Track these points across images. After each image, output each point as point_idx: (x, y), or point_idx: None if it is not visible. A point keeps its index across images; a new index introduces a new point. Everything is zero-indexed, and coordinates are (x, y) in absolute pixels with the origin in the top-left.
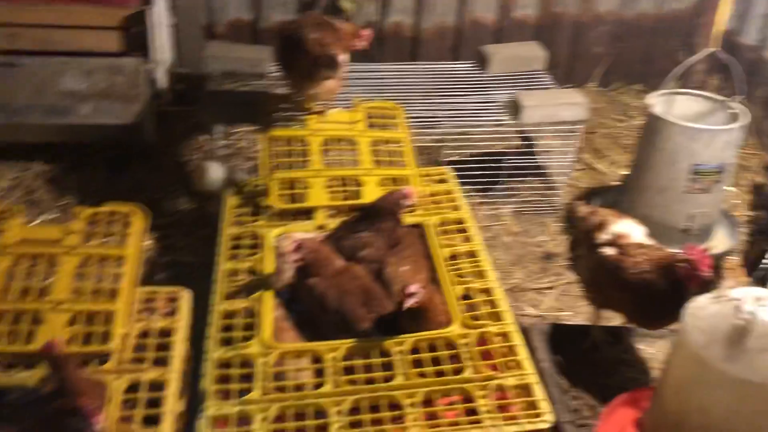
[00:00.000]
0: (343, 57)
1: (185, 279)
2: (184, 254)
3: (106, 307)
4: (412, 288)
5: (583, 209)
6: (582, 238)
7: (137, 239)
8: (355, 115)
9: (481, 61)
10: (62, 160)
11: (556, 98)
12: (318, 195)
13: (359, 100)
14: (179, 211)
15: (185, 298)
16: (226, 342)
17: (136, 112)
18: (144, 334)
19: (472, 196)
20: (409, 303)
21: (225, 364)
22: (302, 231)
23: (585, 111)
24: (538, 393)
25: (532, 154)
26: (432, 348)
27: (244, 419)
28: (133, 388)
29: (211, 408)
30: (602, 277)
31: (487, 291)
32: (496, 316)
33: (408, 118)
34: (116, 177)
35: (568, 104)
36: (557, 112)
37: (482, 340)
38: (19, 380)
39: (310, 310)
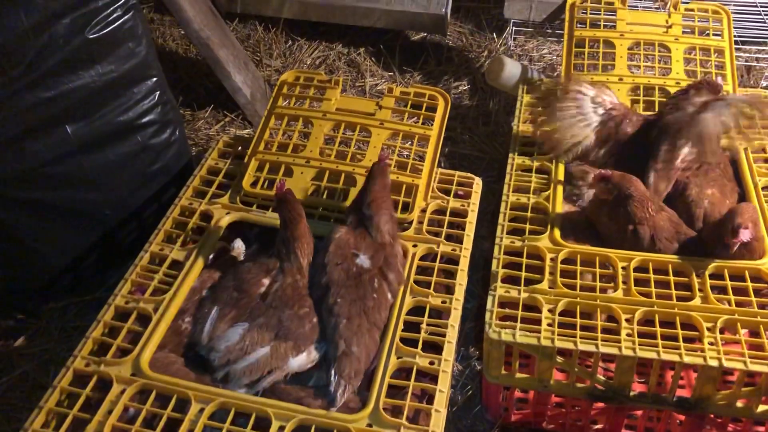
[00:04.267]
0: None
1: (463, 170)
2: (465, 147)
3: (410, 181)
4: (745, 234)
5: None
6: None
7: (440, 121)
8: (672, 17)
9: None
10: (361, 44)
11: None
12: None
13: None
14: (463, 105)
15: (477, 184)
16: (514, 232)
17: (439, 3)
18: (437, 212)
19: None
20: (735, 247)
21: (513, 252)
22: None
23: None
24: None
25: None
26: (737, 278)
27: (532, 307)
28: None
29: (500, 289)
30: None
31: None
32: None
33: (735, 27)
34: (409, 66)
35: None
36: None
37: None
38: None
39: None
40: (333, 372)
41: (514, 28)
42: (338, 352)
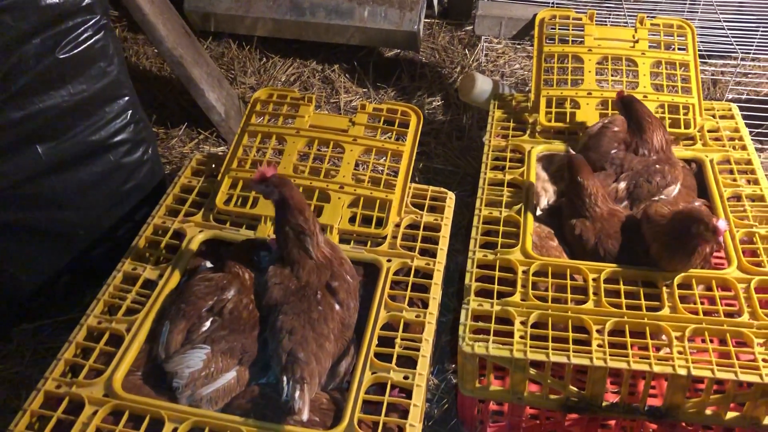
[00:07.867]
0: None
1: (437, 185)
2: (439, 162)
3: (383, 196)
4: (722, 224)
5: None
6: None
7: (413, 137)
8: (638, 32)
9: None
10: (335, 61)
11: None
12: (587, 116)
13: (644, 14)
14: (437, 120)
15: (450, 198)
16: (487, 245)
17: (411, 20)
18: (410, 226)
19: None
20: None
21: (485, 265)
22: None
23: None
24: None
25: None
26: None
27: (504, 319)
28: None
29: (473, 303)
30: None
31: None
32: None
33: (700, 41)
34: (383, 82)
35: None
36: None
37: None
38: None
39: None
40: (285, 379)
41: (485, 44)
42: (282, 362)
